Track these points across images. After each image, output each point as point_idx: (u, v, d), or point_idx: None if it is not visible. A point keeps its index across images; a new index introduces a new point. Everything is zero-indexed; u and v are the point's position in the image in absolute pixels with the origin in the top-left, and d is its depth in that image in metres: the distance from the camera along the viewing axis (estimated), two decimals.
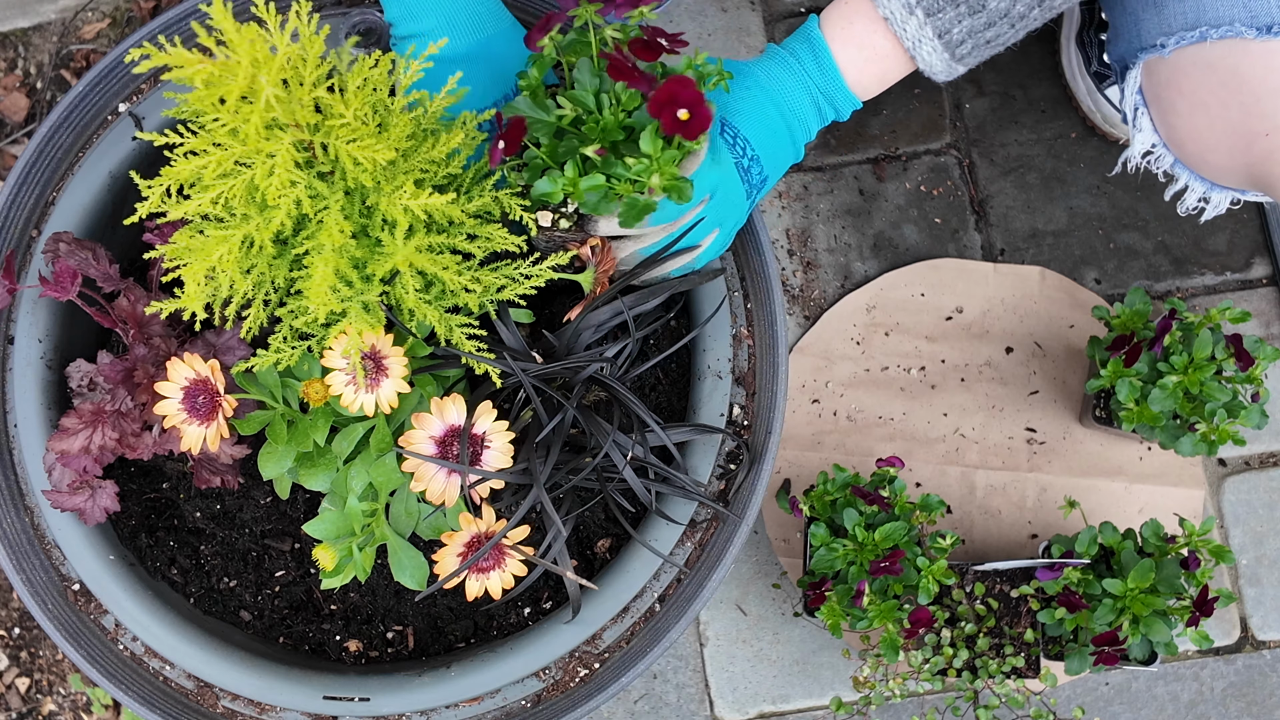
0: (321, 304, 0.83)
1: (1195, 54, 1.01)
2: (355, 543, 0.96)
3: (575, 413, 0.96)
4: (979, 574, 1.31)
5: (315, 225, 0.84)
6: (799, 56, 0.96)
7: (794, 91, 0.96)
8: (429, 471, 0.92)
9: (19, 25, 1.57)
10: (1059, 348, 1.50)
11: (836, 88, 0.96)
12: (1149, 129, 1.11)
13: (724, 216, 0.97)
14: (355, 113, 0.80)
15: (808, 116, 0.98)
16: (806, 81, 0.96)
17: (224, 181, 0.80)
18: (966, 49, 0.91)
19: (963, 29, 0.89)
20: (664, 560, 1.02)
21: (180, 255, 0.87)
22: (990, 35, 0.90)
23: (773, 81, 0.97)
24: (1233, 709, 1.48)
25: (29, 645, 1.49)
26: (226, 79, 0.77)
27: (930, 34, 0.90)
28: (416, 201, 0.83)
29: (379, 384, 0.91)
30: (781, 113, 0.97)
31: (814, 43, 0.95)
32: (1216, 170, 1.08)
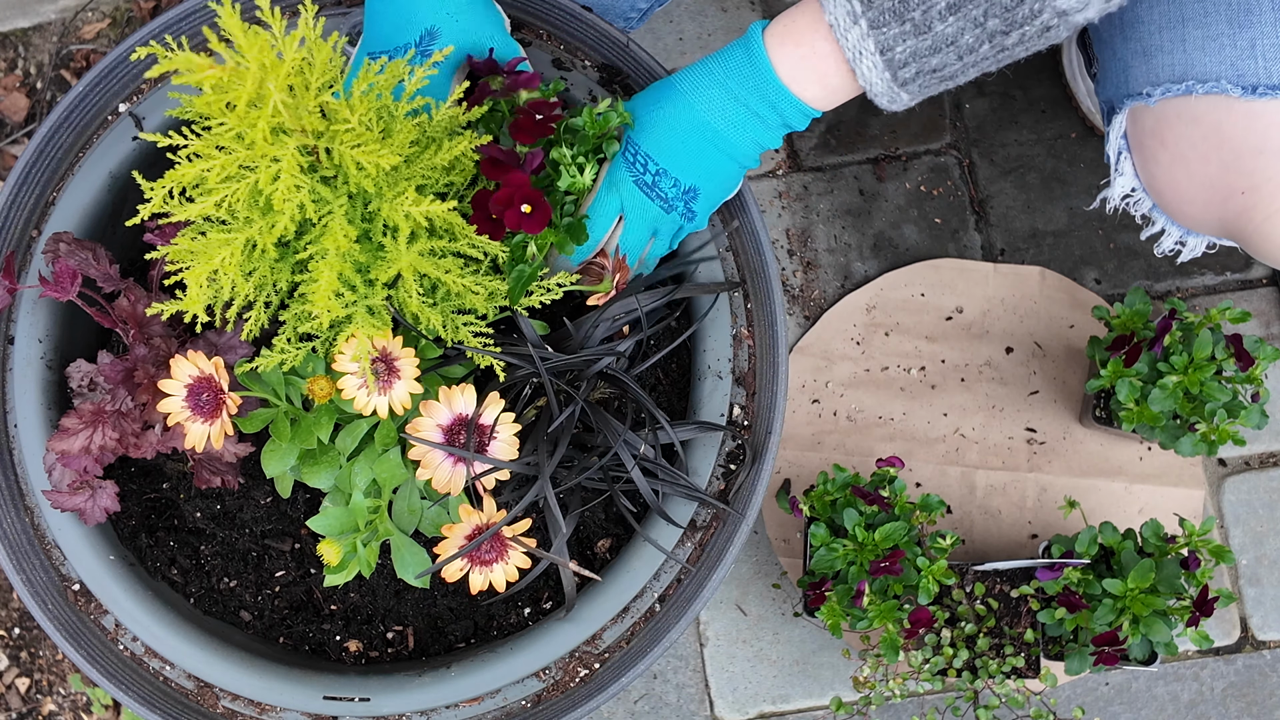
0: (326, 309, 0.84)
1: (1180, 106, 1.02)
2: (359, 538, 0.96)
3: (585, 406, 0.97)
4: (979, 574, 1.31)
5: (319, 229, 0.85)
6: (731, 56, 0.94)
7: (715, 95, 0.94)
8: (436, 459, 0.92)
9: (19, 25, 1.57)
10: (1059, 348, 1.50)
11: (771, 86, 0.92)
12: (1130, 173, 1.13)
13: (649, 227, 0.98)
14: (360, 118, 0.81)
15: (738, 119, 0.94)
16: (734, 82, 0.93)
17: (228, 185, 0.80)
18: (910, 73, 0.88)
19: (906, 49, 0.87)
20: (668, 556, 1.02)
21: (182, 258, 0.87)
22: (936, 63, 0.87)
23: (694, 90, 0.95)
24: (1233, 709, 1.48)
25: (29, 645, 1.49)
26: (235, 84, 0.77)
27: (872, 47, 0.87)
28: (418, 208, 0.83)
29: (391, 386, 0.91)
30: (701, 120, 0.95)
31: (750, 41, 0.92)
32: (1192, 220, 1.09)
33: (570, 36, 1.09)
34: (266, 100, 0.77)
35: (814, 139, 1.55)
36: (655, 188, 0.97)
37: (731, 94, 0.94)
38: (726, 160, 0.97)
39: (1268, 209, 1.01)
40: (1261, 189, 1.00)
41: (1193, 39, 1.00)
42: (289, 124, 0.79)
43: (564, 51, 1.10)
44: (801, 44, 0.91)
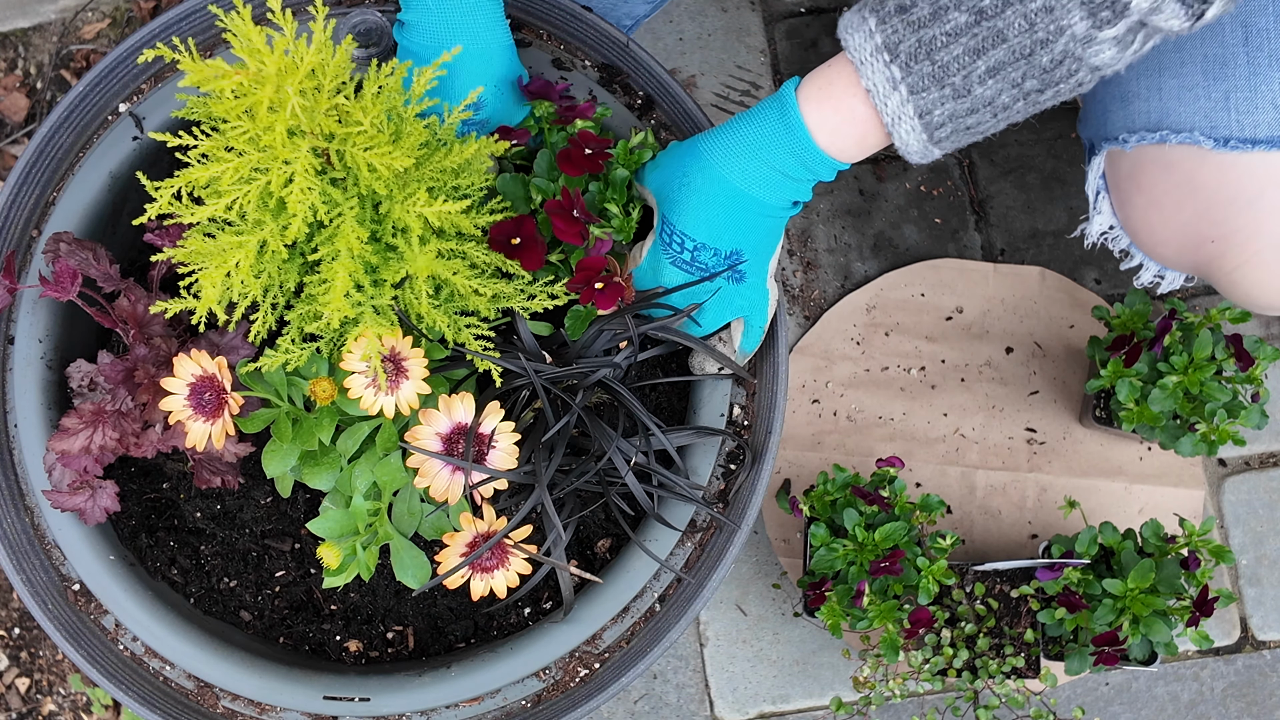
0: (338, 309, 0.84)
1: (1155, 153, 1.03)
2: (359, 541, 0.96)
3: (581, 414, 0.97)
4: (979, 574, 1.31)
5: (331, 231, 0.85)
6: (764, 121, 0.93)
7: (749, 165, 0.94)
8: (434, 468, 0.92)
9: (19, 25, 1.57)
10: (1059, 348, 1.50)
11: (808, 152, 0.92)
12: (1108, 212, 1.15)
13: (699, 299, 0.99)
14: (373, 120, 0.81)
15: (773, 183, 0.94)
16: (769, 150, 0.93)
17: (240, 187, 0.81)
18: (945, 133, 0.88)
19: (944, 112, 0.87)
20: (661, 565, 1.02)
21: (193, 259, 0.87)
22: (971, 122, 0.88)
23: (726, 159, 0.94)
24: (1233, 709, 1.48)
25: (29, 645, 1.49)
26: (254, 88, 0.77)
27: (911, 112, 0.87)
28: (431, 209, 0.84)
29: (399, 386, 0.91)
30: (735, 190, 0.95)
31: (785, 106, 0.92)
32: (1167, 260, 1.11)
33: (570, 36, 1.09)
34: (284, 104, 0.77)
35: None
36: (695, 263, 0.97)
37: (766, 162, 0.93)
38: (764, 220, 0.97)
39: (1237, 258, 1.02)
40: (1231, 239, 1.02)
41: (1169, 88, 1.01)
42: (306, 126, 0.79)
43: (564, 51, 1.10)
44: (840, 109, 0.90)
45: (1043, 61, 0.83)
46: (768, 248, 0.99)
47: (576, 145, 0.98)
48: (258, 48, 0.77)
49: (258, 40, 0.77)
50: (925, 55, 0.85)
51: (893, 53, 0.86)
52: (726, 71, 1.57)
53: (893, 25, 0.85)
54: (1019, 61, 0.83)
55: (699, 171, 0.96)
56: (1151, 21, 0.81)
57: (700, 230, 0.96)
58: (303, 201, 0.79)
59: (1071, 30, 0.81)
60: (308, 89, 0.79)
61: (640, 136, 1.02)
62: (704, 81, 1.56)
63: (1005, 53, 0.83)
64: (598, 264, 0.96)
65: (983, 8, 0.82)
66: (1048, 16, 0.81)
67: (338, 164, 0.84)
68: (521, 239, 0.95)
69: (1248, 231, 1.00)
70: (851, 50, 0.88)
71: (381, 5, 1.08)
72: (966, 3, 0.83)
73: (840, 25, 0.89)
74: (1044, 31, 0.82)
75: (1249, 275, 1.03)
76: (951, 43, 0.84)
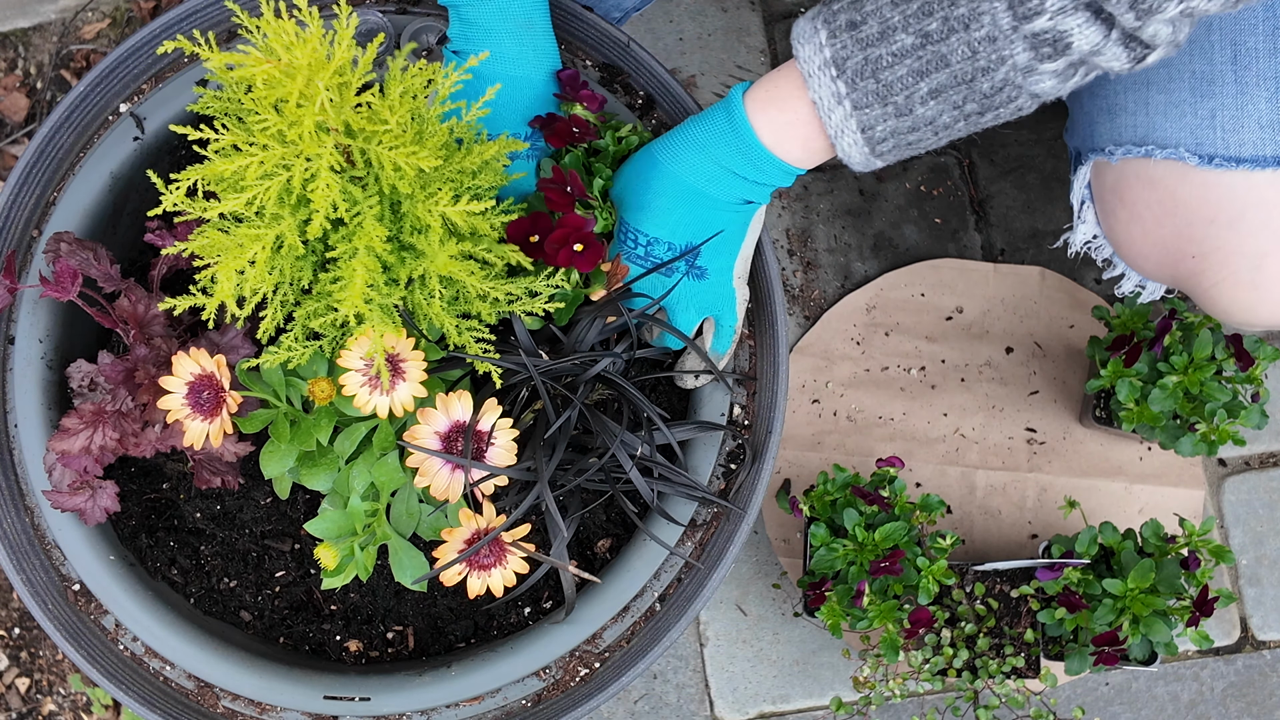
0: (354, 307, 0.84)
1: (1139, 168, 1.04)
2: (357, 542, 0.96)
3: (584, 409, 0.97)
4: (979, 574, 1.31)
5: (351, 228, 0.85)
6: (711, 120, 0.96)
7: (694, 159, 0.96)
8: (433, 467, 0.92)
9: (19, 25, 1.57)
10: (1059, 348, 1.50)
11: (753, 149, 0.94)
12: (1092, 221, 1.16)
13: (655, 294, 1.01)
14: (398, 120, 0.81)
15: (721, 180, 0.96)
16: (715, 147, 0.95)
17: (262, 183, 0.81)
18: (887, 147, 0.90)
19: (886, 128, 0.89)
20: (671, 551, 1.02)
21: (207, 253, 0.87)
22: (913, 139, 0.90)
23: (673, 158, 0.97)
24: (1233, 709, 1.48)
25: (29, 645, 1.49)
26: (285, 81, 0.77)
27: (854, 126, 0.89)
28: (455, 209, 0.84)
29: (394, 387, 0.91)
30: (684, 184, 0.96)
31: (731, 105, 0.94)
32: (1148, 272, 1.13)
33: (571, 36, 1.09)
34: (314, 98, 0.77)
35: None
36: (649, 258, 0.99)
37: (712, 158, 0.95)
38: (717, 215, 0.98)
39: (1215, 276, 1.03)
40: (1210, 257, 1.02)
41: (1155, 103, 1.02)
42: (333, 122, 0.80)
43: (564, 51, 1.10)
44: (785, 110, 0.92)
45: (983, 87, 0.85)
46: (728, 247, 1.00)
47: (565, 123, 1.00)
48: (291, 40, 0.77)
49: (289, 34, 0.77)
50: (871, 74, 0.87)
51: (840, 68, 0.88)
52: (726, 71, 1.57)
53: (842, 40, 0.87)
54: (960, 86, 0.85)
55: (650, 169, 0.98)
56: (1093, 61, 0.83)
57: (651, 224, 0.98)
58: (325, 198, 0.79)
59: (1013, 60, 0.83)
60: (335, 85, 0.79)
61: (628, 127, 1.04)
62: (704, 81, 1.56)
63: (947, 77, 0.85)
64: (578, 222, 0.96)
65: (928, 32, 0.84)
66: (990, 46, 0.83)
67: (359, 162, 0.84)
68: (539, 235, 0.96)
69: (1227, 250, 1.01)
70: (801, 61, 0.90)
71: (382, 5, 1.08)
72: (913, 26, 0.85)
73: (793, 32, 0.91)
74: (986, 60, 0.84)
75: (1226, 293, 1.04)
76: (896, 63, 0.86)
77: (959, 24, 0.83)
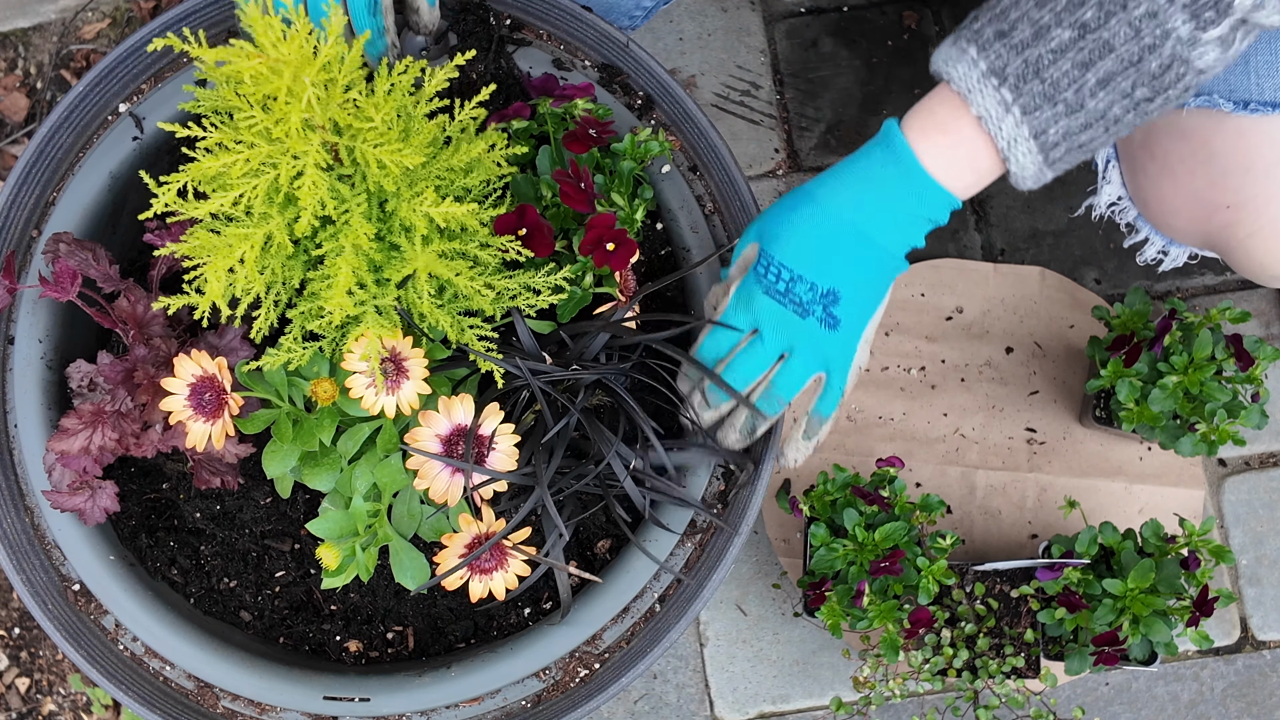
0: (340, 307, 0.84)
1: (1171, 120, 1.02)
2: (358, 543, 0.96)
3: (580, 418, 0.97)
4: (979, 574, 1.31)
5: (338, 227, 0.85)
6: (870, 154, 0.91)
7: (855, 193, 0.91)
8: (433, 470, 0.92)
9: (19, 25, 1.57)
10: (1059, 348, 1.50)
11: (918, 178, 0.89)
12: (1117, 182, 1.13)
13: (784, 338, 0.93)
14: (384, 117, 0.81)
15: (882, 215, 0.91)
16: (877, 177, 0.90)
17: (248, 181, 0.81)
18: (1060, 152, 0.86)
19: (1059, 130, 0.85)
20: (660, 567, 1.02)
21: (198, 253, 0.87)
22: (1085, 138, 0.86)
23: (832, 192, 0.91)
24: (1233, 709, 1.48)
25: (29, 645, 1.49)
26: (272, 77, 0.77)
27: (1026, 133, 0.85)
28: (438, 209, 0.84)
29: (399, 386, 0.91)
30: (842, 219, 0.91)
31: (890, 136, 0.89)
32: (1176, 231, 1.10)
33: (570, 36, 1.09)
34: (300, 93, 0.77)
35: (814, 139, 1.55)
36: (789, 294, 0.92)
37: (875, 191, 0.90)
38: (869, 258, 0.92)
39: (1251, 226, 1.01)
40: (1246, 206, 1.01)
41: None
42: (319, 120, 0.80)
43: (564, 51, 1.10)
44: (948, 132, 0.88)
45: (1151, 67, 0.82)
46: (870, 297, 0.94)
47: (582, 126, 0.99)
48: (278, 37, 0.77)
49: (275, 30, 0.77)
50: (1034, 74, 0.84)
51: (1000, 76, 0.84)
52: (726, 71, 1.56)
53: (995, 50, 0.84)
54: (1128, 70, 0.82)
55: (806, 204, 0.92)
56: (1253, 19, 0.80)
57: (798, 261, 0.92)
58: (312, 195, 0.79)
59: (1177, 33, 0.80)
60: (322, 82, 0.79)
61: (646, 132, 1.03)
62: (704, 81, 1.56)
63: (1114, 62, 0.82)
64: (608, 220, 0.95)
65: (1085, 21, 0.82)
66: (1152, 21, 0.80)
67: (346, 160, 0.84)
68: (526, 228, 0.95)
69: (1264, 198, 0.99)
70: (956, 80, 0.86)
71: None
72: (1068, 18, 0.82)
73: (936, 61, 0.88)
74: (1150, 37, 0.81)
75: (1262, 243, 1.02)
76: (1059, 59, 0.83)
77: (1116, 5, 0.81)
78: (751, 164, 1.55)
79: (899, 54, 1.57)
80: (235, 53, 0.77)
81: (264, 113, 0.80)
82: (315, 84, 0.78)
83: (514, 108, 0.99)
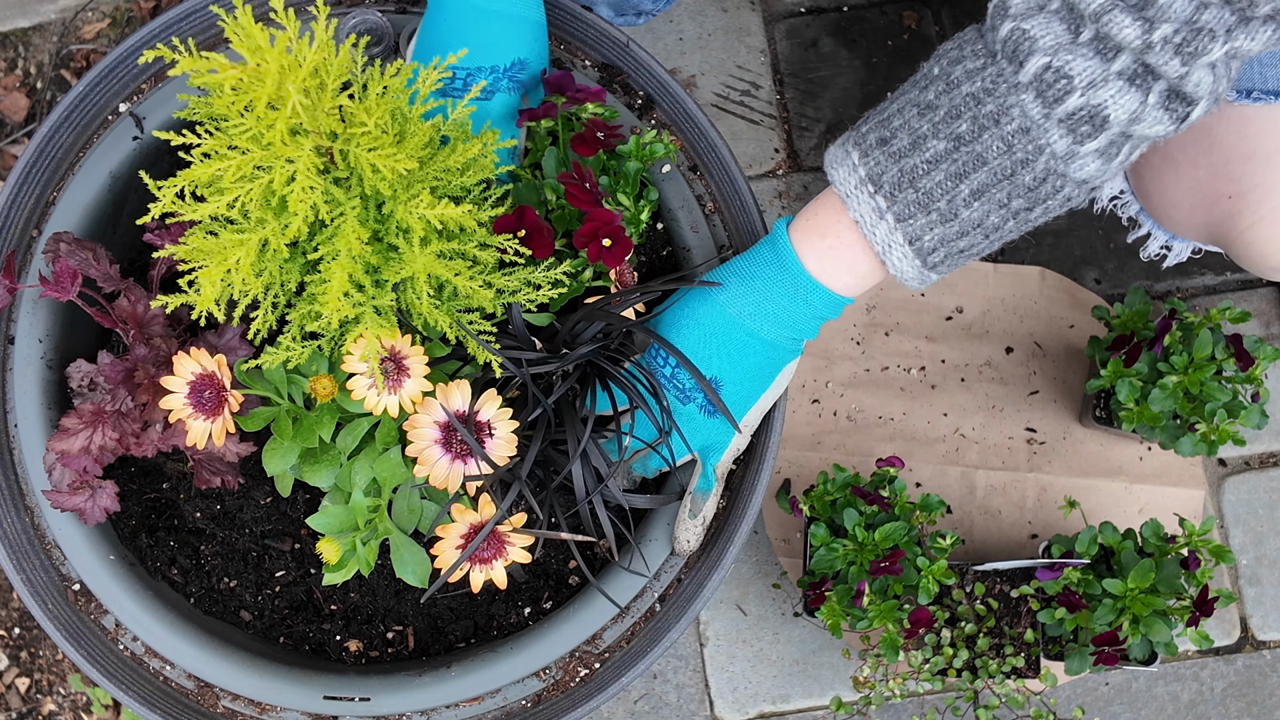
0: (336, 309, 0.84)
1: None
2: (359, 537, 0.96)
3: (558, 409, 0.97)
4: (979, 574, 1.31)
5: (332, 230, 0.85)
6: (756, 254, 0.95)
7: (739, 291, 0.95)
8: (432, 457, 0.92)
9: (19, 25, 1.57)
10: (1059, 348, 1.50)
11: (798, 278, 0.93)
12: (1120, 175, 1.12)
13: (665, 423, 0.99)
14: (376, 121, 0.81)
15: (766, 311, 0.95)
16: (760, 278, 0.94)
17: (241, 185, 0.81)
18: (939, 257, 0.88)
19: (934, 237, 0.87)
20: (648, 580, 1.02)
21: (194, 257, 0.87)
22: (963, 245, 0.88)
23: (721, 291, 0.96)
24: (1233, 709, 1.48)
25: (29, 645, 1.49)
26: (254, 85, 0.77)
27: (900, 239, 0.87)
28: (434, 211, 0.84)
29: (401, 385, 0.91)
30: (726, 316, 0.96)
31: (775, 237, 0.94)
32: (1178, 224, 1.10)
33: (570, 36, 1.09)
34: (285, 101, 0.77)
35: (814, 139, 1.55)
36: (673, 380, 0.98)
37: (758, 290, 0.94)
38: (753, 349, 0.96)
39: (1253, 215, 1.01)
40: (1248, 195, 1.01)
41: None
42: (307, 125, 0.79)
43: (564, 51, 1.10)
44: (827, 235, 0.91)
45: (1025, 180, 0.83)
46: (753, 387, 0.98)
47: (590, 129, 1.00)
48: (259, 44, 0.77)
49: (259, 37, 0.77)
50: (909, 183, 0.85)
51: (876, 183, 0.86)
52: (726, 71, 1.57)
53: (875, 158, 0.86)
54: (1002, 183, 0.83)
55: (693, 301, 0.97)
56: (1134, 131, 0.80)
57: (689, 350, 0.97)
58: (304, 200, 0.79)
59: (1051, 149, 0.81)
60: (310, 87, 0.79)
61: (651, 134, 1.03)
62: (704, 81, 1.56)
63: (987, 175, 0.83)
64: (608, 216, 0.96)
65: (959, 134, 0.83)
66: (1024, 137, 0.81)
67: (341, 163, 0.84)
68: (526, 229, 0.96)
69: (1265, 187, 0.99)
70: (837, 184, 0.88)
71: (381, 5, 1.08)
72: (943, 130, 0.83)
73: (826, 161, 0.90)
74: (1023, 152, 0.82)
75: (1263, 233, 1.01)
76: (933, 169, 0.84)
77: (989, 120, 0.81)
78: (751, 164, 1.55)
79: (899, 54, 1.57)
80: (217, 63, 0.77)
81: (254, 120, 0.80)
82: (305, 89, 0.78)
83: (543, 107, 1.00)
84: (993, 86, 0.81)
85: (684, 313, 0.98)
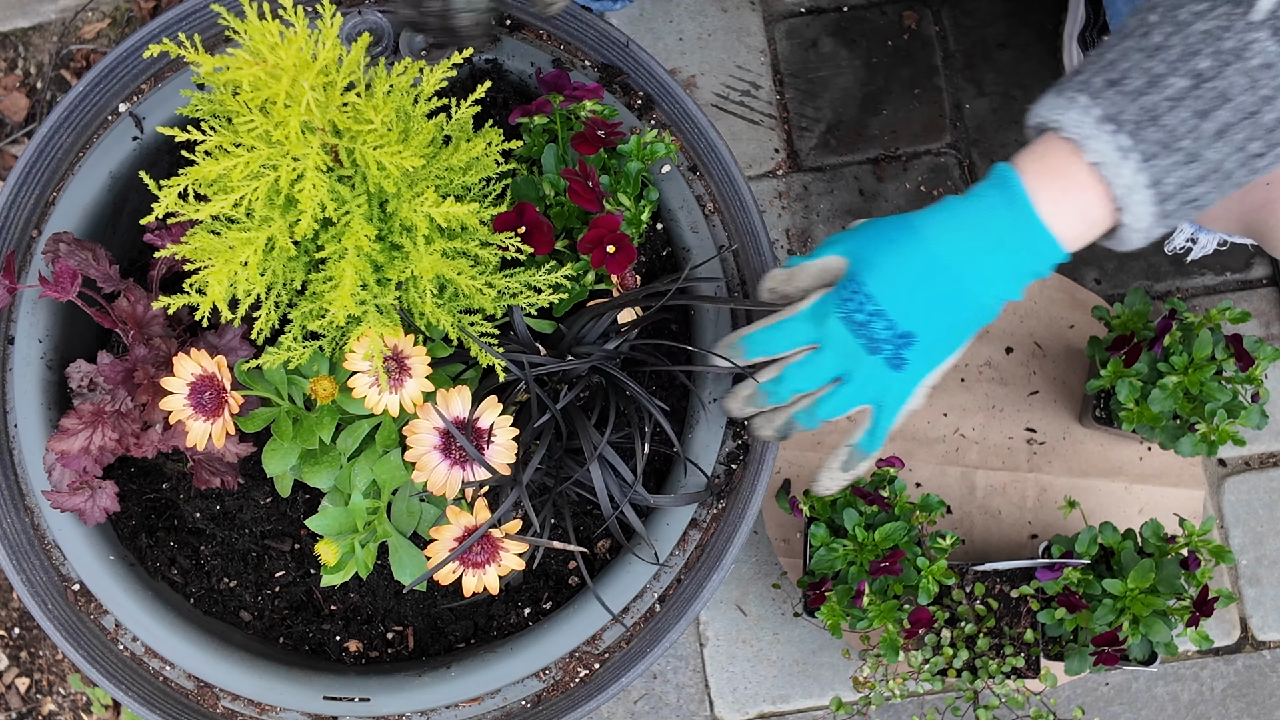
0: (344, 308, 0.84)
1: None
2: (357, 539, 0.96)
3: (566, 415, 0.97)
4: (979, 574, 1.31)
5: (339, 229, 0.85)
6: (983, 196, 0.87)
7: (962, 237, 0.88)
8: (431, 462, 0.92)
9: (19, 25, 1.57)
10: (1059, 348, 1.50)
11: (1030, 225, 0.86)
12: None
13: (840, 364, 0.91)
14: (383, 119, 0.81)
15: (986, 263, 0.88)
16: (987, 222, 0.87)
17: (249, 183, 0.81)
18: (1173, 205, 0.83)
19: (1175, 180, 0.82)
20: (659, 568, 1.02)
21: (199, 256, 0.87)
22: (1197, 192, 0.83)
23: (939, 232, 0.88)
24: (1233, 709, 1.48)
25: (29, 645, 1.49)
26: (270, 82, 0.77)
27: (1145, 181, 0.82)
28: (439, 210, 0.84)
29: (402, 384, 0.91)
30: (941, 263, 0.88)
31: (1004, 178, 0.86)
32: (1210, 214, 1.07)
33: (570, 37, 1.09)
34: (299, 98, 0.77)
35: (814, 139, 1.55)
36: (866, 327, 0.90)
37: (985, 236, 0.87)
38: (958, 305, 0.89)
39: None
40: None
41: None
42: (318, 123, 0.80)
43: (564, 51, 1.10)
44: (1061, 177, 0.85)
45: (1266, 120, 0.81)
46: (945, 346, 0.92)
47: (590, 128, 0.99)
48: (274, 42, 0.77)
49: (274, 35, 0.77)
50: (1151, 121, 0.81)
51: (1117, 122, 0.82)
52: (726, 71, 1.56)
53: (1109, 97, 0.82)
54: (1244, 122, 0.81)
55: (909, 239, 0.89)
56: None
57: (887, 296, 0.89)
58: (312, 198, 0.79)
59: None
60: (320, 85, 0.79)
61: (652, 134, 1.03)
62: (704, 81, 1.56)
63: (1230, 113, 0.80)
64: (612, 222, 0.95)
65: (1200, 70, 0.80)
66: (1269, 72, 0.79)
67: (346, 162, 0.84)
68: (525, 225, 0.96)
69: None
70: (1068, 127, 0.83)
71: (382, 6, 1.08)
72: (1181, 68, 0.80)
73: (1038, 112, 0.85)
74: (1269, 88, 0.80)
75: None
76: (1176, 107, 0.81)
77: (1232, 55, 0.79)
78: (751, 164, 1.55)
79: (899, 54, 1.57)
80: (234, 60, 0.77)
81: (263, 116, 0.80)
82: (314, 87, 0.78)
83: (536, 104, 0.99)
84: (1228, 24, 0.79)
85: (893, 248, 0.90)
